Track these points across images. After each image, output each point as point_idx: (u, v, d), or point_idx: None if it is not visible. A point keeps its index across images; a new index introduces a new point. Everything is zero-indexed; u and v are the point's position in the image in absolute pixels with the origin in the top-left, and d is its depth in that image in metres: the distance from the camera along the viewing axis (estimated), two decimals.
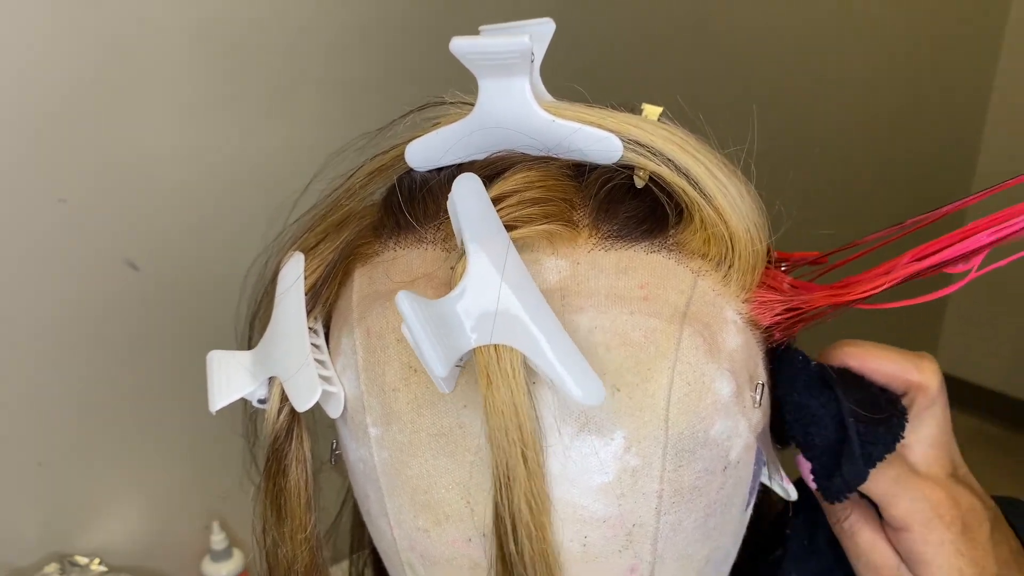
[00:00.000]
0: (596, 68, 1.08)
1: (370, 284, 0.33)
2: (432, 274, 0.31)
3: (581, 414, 0.29)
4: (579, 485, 0.30)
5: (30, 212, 0.71)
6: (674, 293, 0.30)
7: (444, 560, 0.32)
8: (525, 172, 0.30)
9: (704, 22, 1.20)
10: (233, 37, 0.78)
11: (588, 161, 0.32)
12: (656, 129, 0.31)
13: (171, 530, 0.91)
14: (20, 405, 0.76)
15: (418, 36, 0.90)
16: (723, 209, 0.31)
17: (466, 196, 0.29)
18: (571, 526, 0.30)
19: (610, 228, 0.30)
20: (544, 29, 0.32)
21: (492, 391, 0.27)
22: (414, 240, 0.33)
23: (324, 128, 0.85)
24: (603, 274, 0.30)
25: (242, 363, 0.35)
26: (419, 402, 0.31)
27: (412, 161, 0.34)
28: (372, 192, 0.36)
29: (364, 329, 0.32)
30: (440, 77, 0.33)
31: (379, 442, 0.32)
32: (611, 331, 0.29)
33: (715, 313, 0.31)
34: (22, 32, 0.67)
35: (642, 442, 0.30)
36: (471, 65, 0.30)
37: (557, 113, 0.31)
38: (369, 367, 0.32)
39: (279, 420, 0.34)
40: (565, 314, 0.29)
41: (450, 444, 0.30)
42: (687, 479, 0.31)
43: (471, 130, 0.32)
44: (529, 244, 0.30)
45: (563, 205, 0.30)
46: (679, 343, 0.30)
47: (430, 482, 0.31)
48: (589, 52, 1.06)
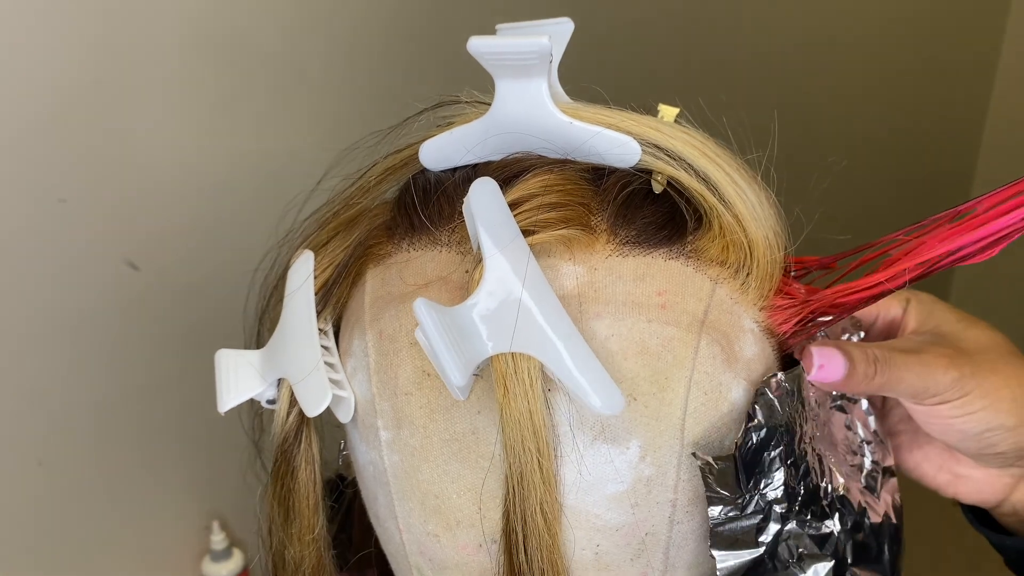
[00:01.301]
0: (612, 67, 1.07)
1: (383, 286, 0.33)
2: (447, 277, 0.31)
3: (597, 422, 0.29)
4: (593, 493, 0.29)
5: (30, 212, 0.70)
6: (692, 301, 0.30)
7: (453, 565, 0.32)
8: (543, 176, 0.30)
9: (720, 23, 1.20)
10: (234, 37, 0.78)
11: (606, 165, 0.31)
12: (675, 132, 0.31)
13: (171, 530, 0.91)
14: (20, 405, 0.76)
15: (423, 35, 0.89)
16: (742, 215, 0.31)
17: (483, 200, 0.28)
18: (584, 534, 0.30)
19: (628, 234, 0.30)
20: (563, 29, 0.31)
21: (509, 399, 0.27)
22: (428, 242, 0.32)
23: (325, 128, 0.85)
24: (621, 281, 0.29)
25: (251, 363, 0.35)
26: (432, 407, 0.30)
27: (426, 161, 0.33)
28: (385, 190, 0.36)
29: (377, 332, 0.32)
30: (449, 76, 0.33)
31: (390, 446, 0.32)
32: (628, 339, 0.29)
33: (733, 322, 0.31)
34: (22, 32, 0.66)
35: (657, 451, 0.29)
36: (488, 65, 0.30)
37: (575, 115, 0.31)
38: (381, 370, 0.31)
39: (288, 421, 0.34)
40: (582, 321, 0.29)
41: (463, 450, 0.30)
42: (701, 489, 0.30)
43: (487, 131, 0.31)
44: (546, 249, 0.29)
45: (581, 210, 0.30)
46: (696, 352, 0.29)
47: (441, 487, 0.31)
48: (604, 51, 1.06)
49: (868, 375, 0.32)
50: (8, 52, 0.66)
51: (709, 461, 0.29)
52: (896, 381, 0.33)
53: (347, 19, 0.85)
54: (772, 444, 0.30)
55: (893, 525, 0.36)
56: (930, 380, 0.33)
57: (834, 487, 0.33)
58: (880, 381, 0.32)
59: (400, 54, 0.88)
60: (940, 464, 0.38)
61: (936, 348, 0.34)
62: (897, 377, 0.33)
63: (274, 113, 0.83)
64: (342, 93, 0.86)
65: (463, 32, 0.29)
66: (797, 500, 0.31)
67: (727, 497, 0.29)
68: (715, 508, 0.29)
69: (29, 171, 0.70)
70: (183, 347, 0.81)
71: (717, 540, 0.29)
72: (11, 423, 0.76)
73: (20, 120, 0.68)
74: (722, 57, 1.24)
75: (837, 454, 0.36)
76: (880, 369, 0.32)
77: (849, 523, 0.33)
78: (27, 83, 0.68)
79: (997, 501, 0.37)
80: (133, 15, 0.71)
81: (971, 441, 0.34)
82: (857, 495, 0.35)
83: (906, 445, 0.39)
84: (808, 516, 0.31)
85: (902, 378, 0.33)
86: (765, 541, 0.30)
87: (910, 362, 0.33)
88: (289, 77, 0.83)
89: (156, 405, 0.84)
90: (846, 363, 0.31)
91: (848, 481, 0.35)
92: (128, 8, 0.71)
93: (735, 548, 0.30)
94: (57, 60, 0.69)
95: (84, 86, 0.70)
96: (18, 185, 0.69)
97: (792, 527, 0.31)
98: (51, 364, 0.76)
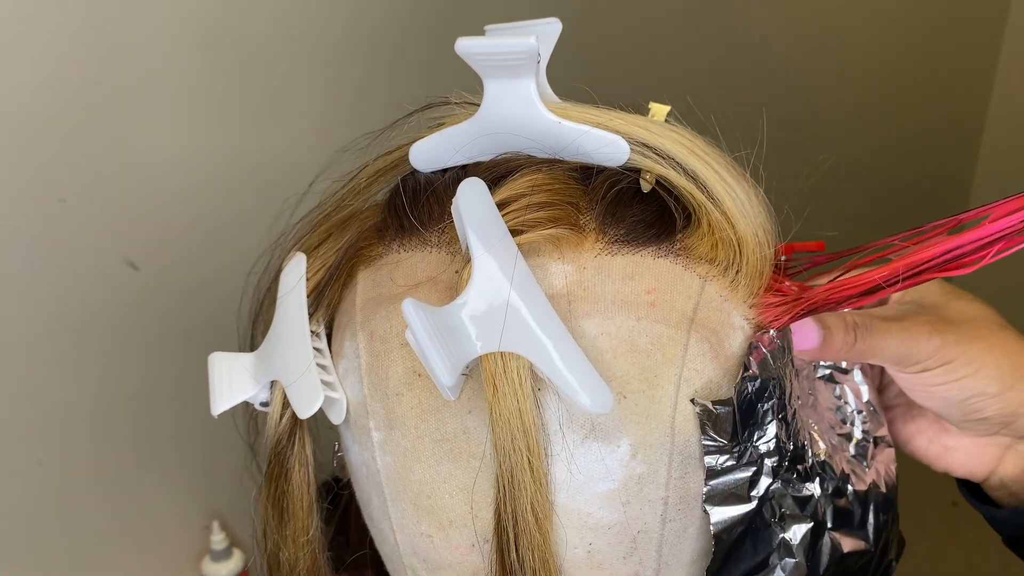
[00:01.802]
0: (602, 67, 1.07)
1: (374, 287, 0.33)
2: (436, 278, 0.31)
3: (587, 421, 0.29)
4: (585, 492, 0.29)
5: (30, 212, 0.71)
6: (681, 299, 0.30)
7: (447, 565, 0.32)
8: (531, 176, 0.30)
9: (712, 21, 1.20)
10: (234, 37, 0.78)
11: (594, 164, 0.31)
12: (663, 131, 0.31)
13: (171, 530, 0.91)
14: (20, 405, 0.76)
15: (420, 36, 0.89)
16: (731, 213, 0.31)
17: (471, 200, 0.28)
18: (576, 532, 0.30)
19: (617, 232, 0.30)
20: (550, 29, 0.31)
21: (498, 399, 0.27)
22: (418, 243, 0.32)
23: (325, 129, 0.85)
24: (610, 279, 0.29)
25: (244, 366, 0.35)
26: (423, 407, 0.30)
27: (416, 162, 0.33)
28: (376, 192, 0.36)
29: (368, 333, 0.32)
30: (444, 78, 0.33)
31: (382, 446, 0.32)
32: (617, 337, 0.29)
33: (723, 319, 0.31)
34: (22, 32, 0.66)
35: (648, 449, 0.29)
36: (476, 66, 0.30)
37: (563, 115, 0.31)
38: (373, 371, 0.32)
39: (281, 424, 0.34)
40: (571, 320, 0.29)
41: (454, 450, 0.30)
42: (693, 487, 0.30)
43: (476, 131, 0.31)
44: (535, 249, 0.30)
45: (569, 209, 0.30)
46: (686, 350, 0.29)
47: (433, 487, 0.31)
48: (595, 51, 1.06)
49: (847, 342, 0.33)
50: (8, 51, 0.66)
51: (707, 406, 0.29)
52: (878, 348, 0.33)
53: (347, 20, 0.85)
54: (766, 396, 0.30)
55: (882, 494, 0.36)
56: (912, 347, 0.33)
57: (815, 452, 0.34)
58: (861, 347, 0.33)
59: (401, 54, 0.89)
60: (931, 437, 0.39)
61: (919, 316, 0.35)
62: (879, 344, 0.33)
63: (274, 113, 0.83)
64: (342, 93, 0.86)
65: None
66: (786, 457, 0.32)
67: (724, 445, 0.30)
68: (712, 457, 0.30)
69: (29, 171, 0.70)
70: (183, 347, 0.81)
71: (712, 496, 0.30)
72: (11, 423, 0.76)
73: (20, 119, 0.68)
74: (717, 57, 1.24)
75: (822, 423, 0.36)
76: (860, 335, 0.33)
77: (830, 488, 0.33)
78: (27, 83, 0.68)
79: (985, 474, 0.38)
80: (133, 15, 0.71)
81: (955, 408, 0.35)
82: (843, 463, 0.35)
83: (900, 418, 0.40)
84: (793, 476, 0.32)
85: (884, 346, 0.33)
86: (757, 496, 0.30)
87: (892, 328, 0.33)
88: (289, 77, 0.83)
89: (156, 405, 0.84)
90: (820, 331, 0.32)
91: (834, 450, 0.35)
92: (128, 8, 0.71)
93: (728, 503, 0.30)
94: (57, 60, 0.69)
95: (84, 86, 0.71)
96: (18, 185, 0.70)
97: (777, 486, 0.31)
98: (51, 364, 0.77)
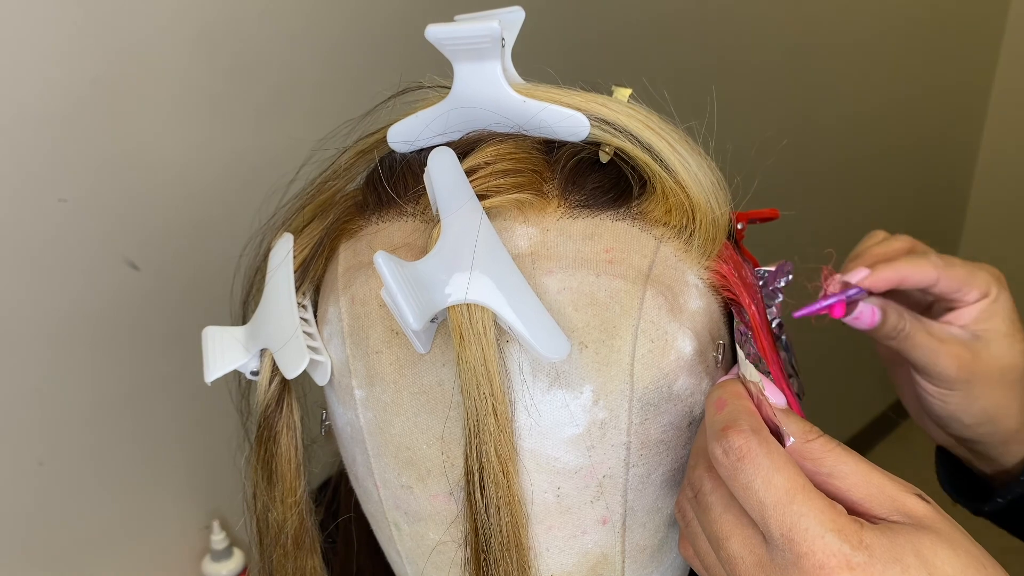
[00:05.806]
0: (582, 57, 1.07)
1: (354, 256, 0.35)
2: (412, 243, 0.33)
3: (552, 369, 0.31)
4: (552, 437, 0.31)
5: (30, 212, 0.71)
6: (637, 257, 0.32)
7: (427, 516, 0.34)
8: (497, 146, 0.32)
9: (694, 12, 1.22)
10: (233, 38, 0.79)
11: (557, 138, 0.34)
12: (621, 108, 0.33)
13: (171, 530, 0.91)
14: (20, 405, 0.76)
15: (420, 36, 0.90)
16: (684, 181, 0.33)
17: (441, 167, 0.31)
18: (545, 477, 0.32)
19: (578, 198, 0.33)
20: (514, 16, 0.34)
21: (464, 347, 0.29)
22: (395, 214, 0.35)
23: (324, 129, 0.85)
24: (571, 240, 0.32)
25: (236, 337, 0.37)
26: (400, 362, 0.32)
27: (394, 143, 0.36)
28: (357, 174, 0.38)
29: (349, 297, 0.34)
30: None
31: (364, 403, 0.34)
32: (578, 292, 0.31)
33: (677, 276, 0.33)
34: (22, 32, 0.67)
35: (609, 396, 0.32)
36: (445, 50, 0.32)
37: (528, 94, 0.33)
38: (354, 332, 0.34)
39: (270, 389, 0.36)
40: (535, 277, 0.31)
41: (431, 401, 0.32)
42: (653, 432, 0.33)
43: (448, 109, 0.34)
44: (501, 212, 0.32)
45: (533, 176, 0.32)
46: (642, 302, 0.32)
47: (412, 439, 0.33)
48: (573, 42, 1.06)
49: (889, 336, 0.42)
50: (9, 52, 0.67)
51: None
52: (907, 347, 0.42)
53: (348, 20, 0.86)
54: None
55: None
56: (931, 367, 0.42)
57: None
58: (896, 345, 0.42)
59: (401, 54, 0.89)
60: (908, 377, 0.46)
61: (958, 347, 0.42)
62: (908, 344, 0.42)
63: (274, 113, 0.83)
64: (342, 93, 0.86)
65: None
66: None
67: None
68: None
69: (30, 170, 0.70)
70: (183, 347, 0.81)
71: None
72: (11, 423, 0.76)
73: (21, 120, 0.69)
74: (708, 58, 1.26)
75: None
76: (900, 337, 0.42)
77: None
78: (28, 83, 0.68)
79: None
80: (133, 15, 0.72)
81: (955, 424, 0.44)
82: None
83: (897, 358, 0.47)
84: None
85: (912, 345, 0.42)
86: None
87: (925, 344, 0.42)
88: (289, 77, 0.83)
89: (157, 405, 0.84)
90: (879, 313, 0.42)
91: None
92: (128, 8, 0.71)
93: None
94: (57, 60, 0.69)
95: (84, 86, 0.71)
96: (19, 184, 0.70)
97: None
98: (51, 364, 0.77)
